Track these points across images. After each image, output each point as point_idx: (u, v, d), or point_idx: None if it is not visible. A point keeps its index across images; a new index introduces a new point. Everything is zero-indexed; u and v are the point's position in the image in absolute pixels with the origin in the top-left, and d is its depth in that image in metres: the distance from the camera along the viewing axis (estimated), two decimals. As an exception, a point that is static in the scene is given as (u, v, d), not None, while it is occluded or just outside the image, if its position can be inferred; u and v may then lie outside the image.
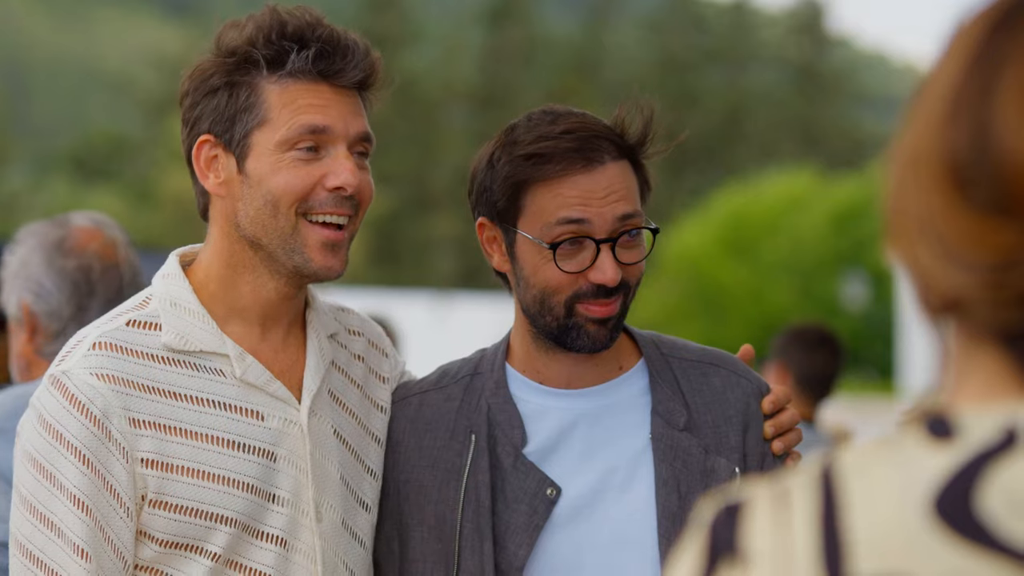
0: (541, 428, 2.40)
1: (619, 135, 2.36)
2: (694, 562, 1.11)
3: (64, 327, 3.15)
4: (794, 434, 2.44)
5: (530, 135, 2.35)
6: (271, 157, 2.26)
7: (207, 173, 2.30)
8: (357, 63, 2.29)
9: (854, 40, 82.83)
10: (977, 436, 1.07)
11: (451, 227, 50.16)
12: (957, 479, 1.06)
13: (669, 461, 2.36)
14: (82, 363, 2.23)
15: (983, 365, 1.10)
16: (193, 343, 2.28)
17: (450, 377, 2.49)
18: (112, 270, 3.22)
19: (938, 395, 1.13)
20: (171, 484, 2.22)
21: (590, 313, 2.33)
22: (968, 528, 1.04)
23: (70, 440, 2.19)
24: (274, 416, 2.30)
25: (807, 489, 1.09)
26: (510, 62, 57.77)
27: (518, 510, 2.35)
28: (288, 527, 2.29)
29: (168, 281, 2.33)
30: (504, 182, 2.35)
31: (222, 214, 2.31)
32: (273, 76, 2.26)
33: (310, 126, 2.26)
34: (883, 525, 1.06)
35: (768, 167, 46.42)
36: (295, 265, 2.28)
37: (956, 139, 1.09)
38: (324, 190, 2.26)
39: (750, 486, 1.12)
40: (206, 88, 2.29)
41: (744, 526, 1.09)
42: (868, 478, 1.08)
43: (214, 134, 2.28)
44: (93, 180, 53.12)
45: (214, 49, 2.30)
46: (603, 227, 2.32)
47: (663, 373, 2.44)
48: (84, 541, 2.18)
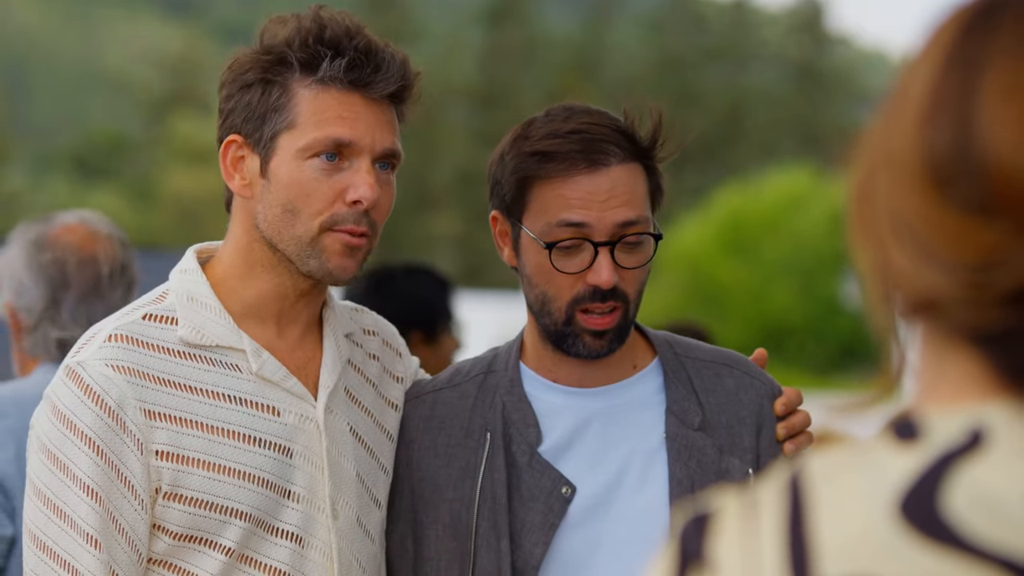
0: (555, 426, 2.41)
1: (631, 138, 2.35)
2: (665, 572, 1.12)
3: (37, 322, 3.15)
4: (806, 436, 2.44)
5: (540, 131, 2.35)
6: (293, 163, 2.27)
7: (233, 174, 2.30)
8: (391, 75, 2.28)
9: (854, 39, 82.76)
10: (942, 437, 1.07)
11: (451, 225, 50.16)
12: (922, 480, 1.06)
13: (684, 460, 2.37)
14: (97, 354, 2.24)
15: (954, 367, 1.11)
16: (209, 337, 2.29)
17: (463, 375, 2.50)
18: (89, 263, 3.21)
19: (909, 399, 1.14)
20: (186, 477, 2.24)
21: (587, 324, 2.34)
22: (934, 529, 1.05)
23: (83, 430, 2.20)
24: (290, 412, 2.31)
25: (775, 497, 1.10)
26: (510, 61, 57.74)
27: (534, 508, 2.36)
28: (303, 524, 2.30)
29: (186, 276, 2.34)
30: (511, 177, 2.36)
31: (245, 212, 2.32)
32: (306, 80, 2.27)
33: (335, 139, 2.26)
34: (849, 528, 1.07)
35: (768, 166, 46.41)
36: (309, 269, 2.29)
37: (936, 139, 1.09)
38: (344, 204, 2.27)
39: (721, 496, 1.12)
40: (241, 82, 2.29)
41: (712, 536, 1.10)
42: (835, 482, 1.09)
43: (243, 133, 2.29)
44: (93, 179, 53.09)
45: (257, 42, 2.30)
46: (603, 231, 2.32)
47: (677, 373, 2.44)
48: (95, 529, 2.20)
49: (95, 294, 3.21)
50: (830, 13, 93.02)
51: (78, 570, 2.20)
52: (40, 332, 3.18)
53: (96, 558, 2.20)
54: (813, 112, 59.83)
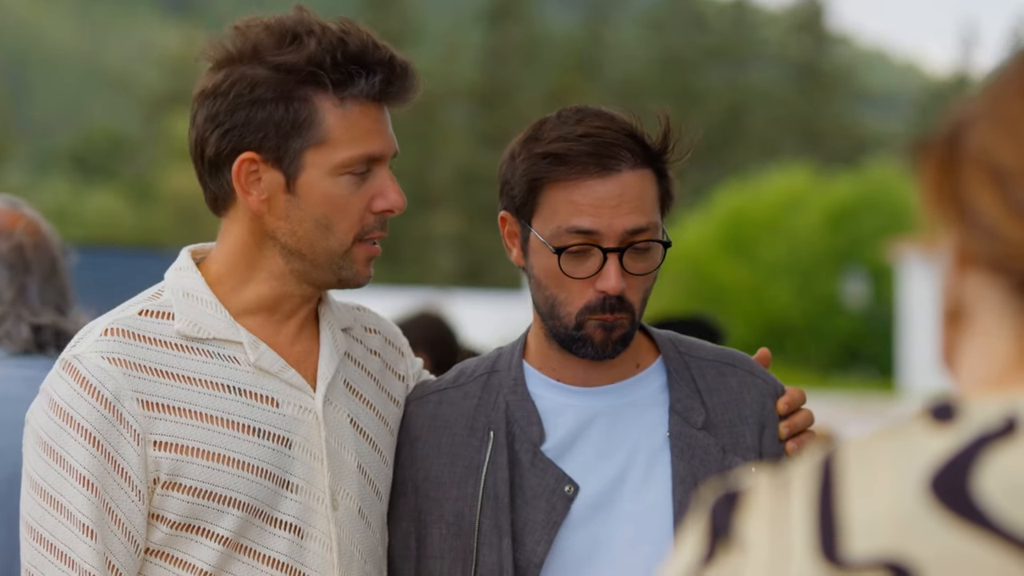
0: (559, 425, 2.40)
1: (642, 143, 2.34)
2: (696, 545, 1.11)
3: (6, 311, 3.15)
4: (808, 435, 2.44)
5: (552, 133, 2.34)
6: (328, 179, 2.26)
7: (249, 190, 2.27)
8: (414, 85, 2.31)
9: (854, 38, 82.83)
10: (978, 420, 1.07)
11: (451, 225, 50.18)
12: (955, 461, 1.06)
13: (687, 459, 2.37)
14: (94, 347, 2.24)
15: (997, 353, 1.11)
16: (206, 330, 2.29)
17: (467, 376, 2.49)
18: (43, 245, 3.21)
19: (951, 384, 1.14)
20: (186, 466, 2.23)
21: (596, 329, 2.33)
22: (963, 508, 1.04)
23: (80, 422, 2.20)
24: (289, 403, 2.31)
25: (807, 476, 1.10)
26: (510, 60, 57.78)
27: (537, 507, 2.35)
28: (301, 514, 2.30)
29: (181, 274, 2.34)
30: (522, 178, 2.34)
31: (254, 223, 2.30)
32: (336, 98, 2.25)
33: (370, 155, 2.27)
34: (879, 504, 1.06)
35: (768, 165, 46.43)
36: (341, 279, 2.31)
37: None
38: (372, 213, 2.29)
39: (753, 475, 1.12)
40: (251, 98, 2.25)
41: (743, 513, 1.10)
42: (867, 461, 1.09)
43: (259, 150, 2.26)
44: (93, 178, 53.12)
45: (238, 48, 2.27)
46: (612, 237, 2.31)
47: (681, 372, 2.44)
48: (92, 520, 2.19)
49: (53, 274, 3.22)
50: (830, 13, 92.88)
51: (75, 561, 2.20)
52: (10, 322, 3.18)
53: (92, 549, 2.20)
54: (813, 111, 59.86)
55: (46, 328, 3.14)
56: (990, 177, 1.10)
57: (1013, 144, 1.10)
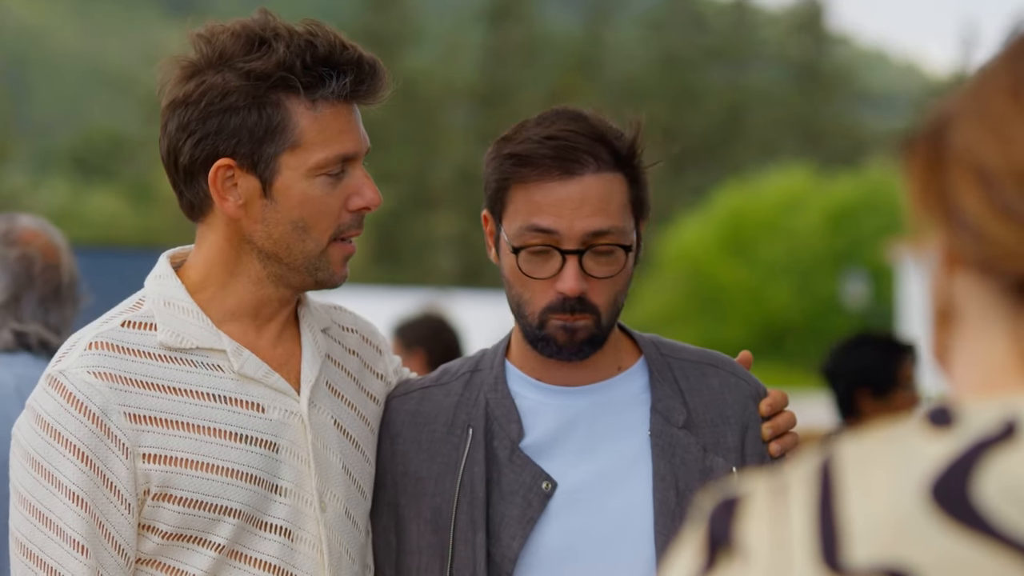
0: (539, 423, 2.42)
1: (610, 147, 2.35)
2: (695, 555, 1.11)
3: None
4: (791, 437, 2.45)
5: (522, 135, 2.36)
6: (304, 182, 2.28)
7: (225, 196, 2.29)
8: (384, 83, 2.32)
9: (854, 38, 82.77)
10: (977, 425, 1.07)
11: (451, 226, 50.17)
12: (954, 466, 1.06)
13: (668, 458, 2.38)
14: (79, 362, 2.24)
15: (991, 355, 1.11)
16: (189, 340, 2.30)
17: (451, 375, 2.51)
18: (53, 270, 3.22)
19: (946, 388, 1.14)
20: (176, 477, 2.24)
21: (558, 330, 2.35)
22: (964, 514, 1.04)
23: (68, 438, 2.21)
24: (275, 408, 2.33)
25: (805, 480, 1.10)
26: (511, 61, 57.78)
27: (513, 503, 2.37)
28: (292, 517, 2.32)
29: (161, 282, 2.35)
30: (492, 177, 2.38)
31: (231, 228, 2.31)
32: (307, 101, 2.27)
33: (343, 156, 2.29)
34: (879, 511, 1.06)
35: (768, 165, 46.44)
36: (317, 280, 2.33)
37: None
38: (348, 212, 2.30)
39: (750, 480, 1.12)
40: (223, 105, 2.26)
41: (741, 520, 1.09)
42: (866, 467, 1.08)
43: (234, 156, 2.27)
44: (93, 178, 53.13)
45: (203, 54, 2.27)
46: (572, 238, 2.32)
47: (663, 372, 2.45)
48: (82, 536, 2.20)
49: (54, 301, 3.23)
50: (830, 13, 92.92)
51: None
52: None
53: (84, 564, 2.20)
54: (813, 112, 59.85)
55: (30, 335, 3.15)
56: (975, 177, 1.09)
57: (997, 143, 1.09)
